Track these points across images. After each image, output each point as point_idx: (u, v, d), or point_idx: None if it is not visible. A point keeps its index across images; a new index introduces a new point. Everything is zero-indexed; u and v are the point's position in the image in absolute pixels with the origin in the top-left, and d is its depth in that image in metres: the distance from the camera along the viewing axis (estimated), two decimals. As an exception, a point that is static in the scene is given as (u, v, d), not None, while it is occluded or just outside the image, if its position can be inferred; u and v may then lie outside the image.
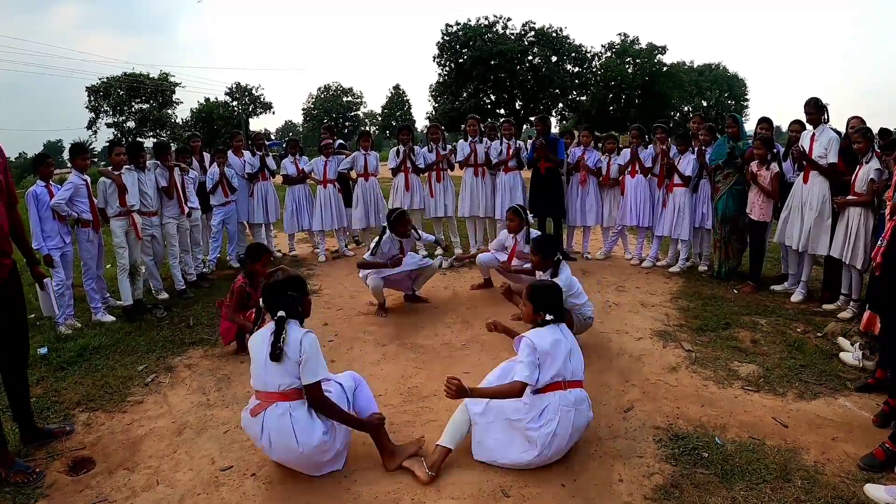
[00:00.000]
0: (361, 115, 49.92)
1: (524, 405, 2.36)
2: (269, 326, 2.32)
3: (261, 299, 2.42)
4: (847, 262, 4.06)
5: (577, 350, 2.51)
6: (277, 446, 2.25)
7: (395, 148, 6.24)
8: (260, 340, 2.31)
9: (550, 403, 2.33)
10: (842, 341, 3.60)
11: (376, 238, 4.41)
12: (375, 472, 2.40)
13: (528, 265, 4.06)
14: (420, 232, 4.66)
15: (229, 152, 6.15)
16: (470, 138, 6.03)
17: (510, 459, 2.35)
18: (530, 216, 4.87)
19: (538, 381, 2.35)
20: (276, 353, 2.22)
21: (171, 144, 6.22)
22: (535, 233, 4.57)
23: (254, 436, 2.33)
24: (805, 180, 4.44)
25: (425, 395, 3.10)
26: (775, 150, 4.83)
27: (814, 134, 4.39)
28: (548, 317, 2.47)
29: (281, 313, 2.29)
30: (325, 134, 6.97)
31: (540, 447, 2.30)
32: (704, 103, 41.61)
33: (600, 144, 6.23)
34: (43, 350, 3.76)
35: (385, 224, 4.44)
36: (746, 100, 44.39)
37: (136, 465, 2.50)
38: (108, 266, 5.14)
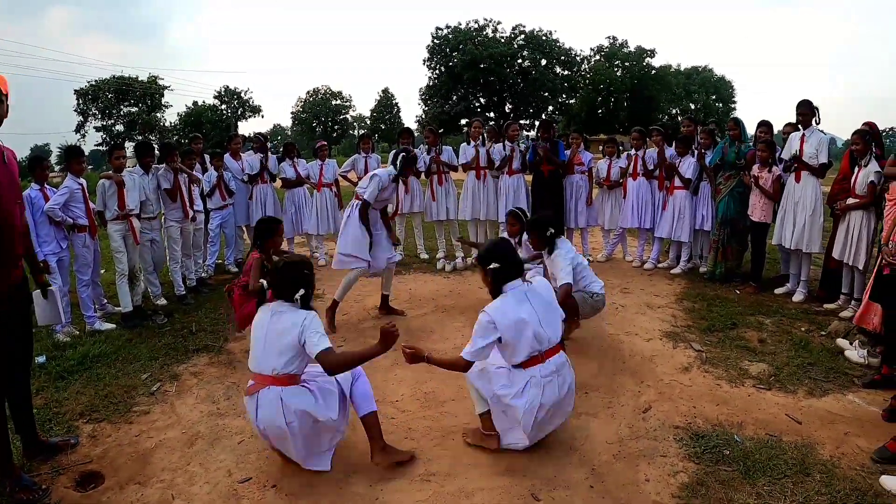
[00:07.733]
0: (350, 118, 49.78)
1: (507, 381, 2.37)
2: (273, 306, 2.35)
3: (266, 281, 2.41)
4: (850, 263, 4.12)
5: (549, 312, 2.42)
6: (269, 428, 2.27)
7: (394, 151, 6.19)
8: (263, 319, 2.34)
9: (532, 378, 2.34)
10: (840, 342, 3.65)
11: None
12: (402, 480, 2.36)
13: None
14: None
15: (226, 155, 6.06)
16: (473, 142, 6.01)
17: (509, 442, 2.47)
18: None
19: (513, 359, 2.37)
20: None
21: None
22: None
23: (251, 416, 2.34)
24: (797, 180, 4.54)
25: (443, 399, 3.07)
26: (777, 154, 4.90)
27: (804, 135, 4.49)
28: (494, 265, 2.39)
29: (302, 291, 2.32)
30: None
31: (525, 426, 2.34)
32: (692, 106, 42.26)
33: (600, 147, 6.28)
34: (41, 359, 3.62)
35: (395, 162, 4.29)
36: (734, 102, 45.16)
37: (149, 479, 2.40)
38: (103, 271, 5.02)
